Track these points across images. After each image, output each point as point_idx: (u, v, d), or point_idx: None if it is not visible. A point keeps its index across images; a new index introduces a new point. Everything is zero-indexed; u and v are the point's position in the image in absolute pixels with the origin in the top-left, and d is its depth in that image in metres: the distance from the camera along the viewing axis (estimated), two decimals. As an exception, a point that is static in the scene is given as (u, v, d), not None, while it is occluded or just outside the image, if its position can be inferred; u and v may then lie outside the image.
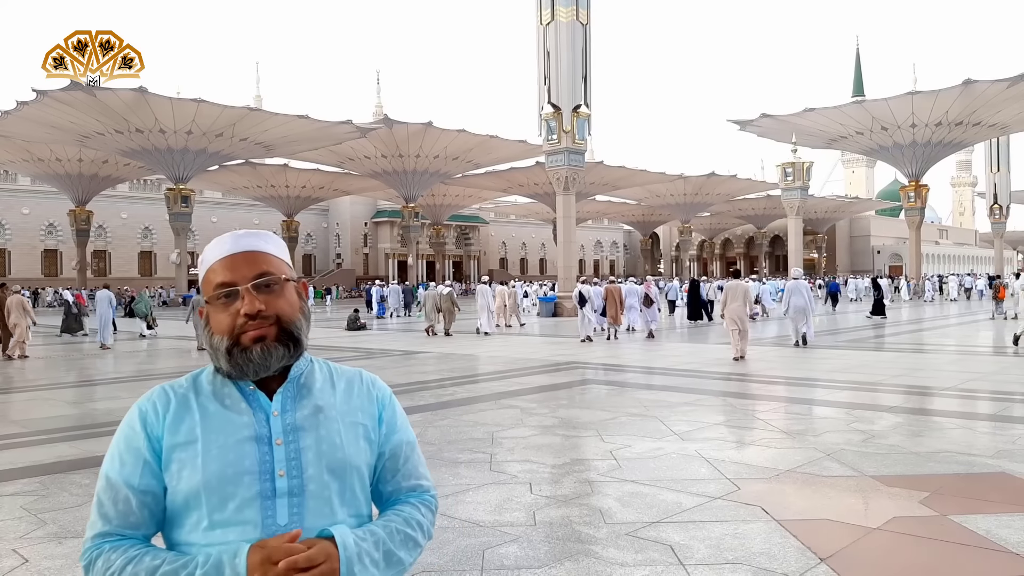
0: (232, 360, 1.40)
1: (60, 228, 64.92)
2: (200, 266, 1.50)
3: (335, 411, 1.48)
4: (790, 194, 55.39)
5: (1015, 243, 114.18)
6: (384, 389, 1.61)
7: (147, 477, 1.38)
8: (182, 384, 1.47)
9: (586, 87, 33.63)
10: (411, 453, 1.58)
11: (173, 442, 1.39)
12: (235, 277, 1.42)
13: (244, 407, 1.43)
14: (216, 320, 1.42)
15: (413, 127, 50.93)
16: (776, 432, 7.61)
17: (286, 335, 1.42)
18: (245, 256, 1.45)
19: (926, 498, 5.12)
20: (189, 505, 1.37)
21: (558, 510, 5.03)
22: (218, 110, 41.74)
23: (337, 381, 1.54)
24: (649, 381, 12.02)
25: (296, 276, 1.53)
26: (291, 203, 67.33)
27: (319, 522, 1.38)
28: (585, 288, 19.98)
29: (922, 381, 11.18)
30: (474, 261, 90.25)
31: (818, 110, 49.69)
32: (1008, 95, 43.52)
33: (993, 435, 7.37)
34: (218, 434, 1.39)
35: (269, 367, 1.41)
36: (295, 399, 1.46)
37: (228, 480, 1.36)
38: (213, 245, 1.49)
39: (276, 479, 1.38)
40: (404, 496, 1.54)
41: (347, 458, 1.44)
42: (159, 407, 1.43)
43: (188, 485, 1.36)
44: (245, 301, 1.40)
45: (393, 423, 1.56)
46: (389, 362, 15.59)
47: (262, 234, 1.51)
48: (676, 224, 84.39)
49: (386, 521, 1.46)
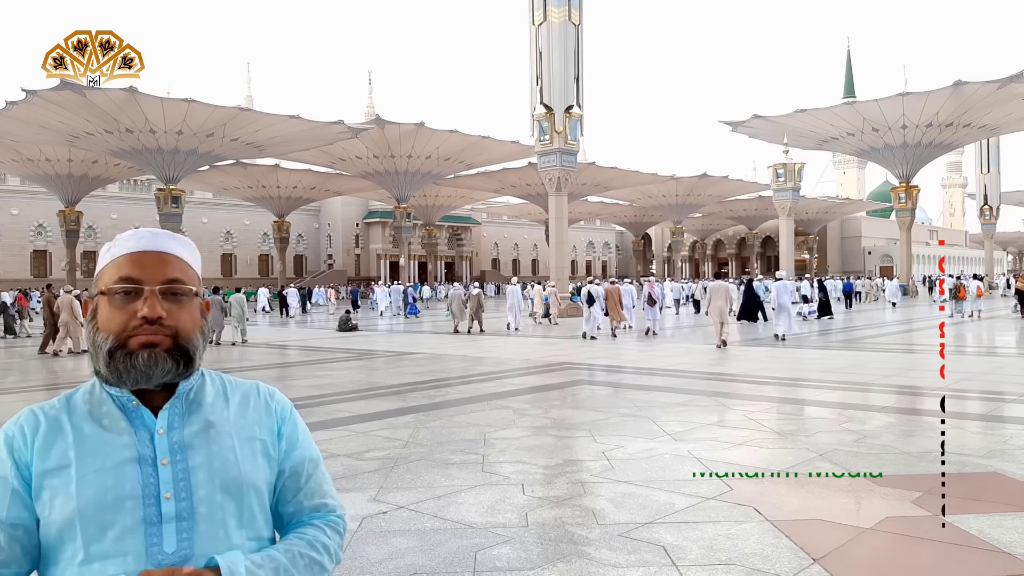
0: (112, 363, 1.28)
1: (49, 229, 64.53)
2: (103, 254, 1.37)
3: (228, 426, 1.36)
4: (782, 195, 55.60)
5: (1005, 244, 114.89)
6: (284, 402, 1.48)
7: (16, 508, 1.25)
8: (53, 405, 1.34)
9: (578, 88, 33.64)
10: (314, 470, 1.45)
11: (43, 468, 1.26)
12: (143, 275, 1.30)
13: (124, 426, 1.30)
14: (106, 316, 1.30)
15: (405, 127, 50.87)
16: (768, 432, 7.61)
17: (179, 350, 1.30)
18: (159, 256, 1.34)
19: (918, 498, 5.12)
20: (63, 537, 1.24)
21: (551, 511, 5.01)
22: (209, 110, 41.56)
23: (231, 395, 1.42)
24: (642, 381, 12.01)
25: (203, 292, 1.43)
26: (282, 204, 67.11)
27: (213, 548, 1.26)
28: (594, 288, 21.09)
29: (913, 381, 11.21)
30: (466, 262, 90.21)
31: (809, 111, 49.84)
32: (998, 96, 43.73)
33: (984, 435, 7.39)
34: (95, 457, 1.27)
35: (151, 378, 1.29)
36: (183, 415, 1.34)
37: (107, 507, 1.23)
38: (126, 237, 1.37)
39: (162, 502, 1.26)
40: (307, 517, 1.41)
41: (243, 476, 1.33)
42: (27, 431, 1.29)
43: (61, 515, 1.23)
44: (147, 303, 1.28)
45: (294, 438, 1.44)
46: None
47: (181, 239, 1.41)
48: (668, 225, 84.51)
49: (288, 545, 1.33)
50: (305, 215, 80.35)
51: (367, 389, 11.37)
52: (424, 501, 5.25)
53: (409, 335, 24.30)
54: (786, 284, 19.83)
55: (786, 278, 20.58)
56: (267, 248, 77.99)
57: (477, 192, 72.84)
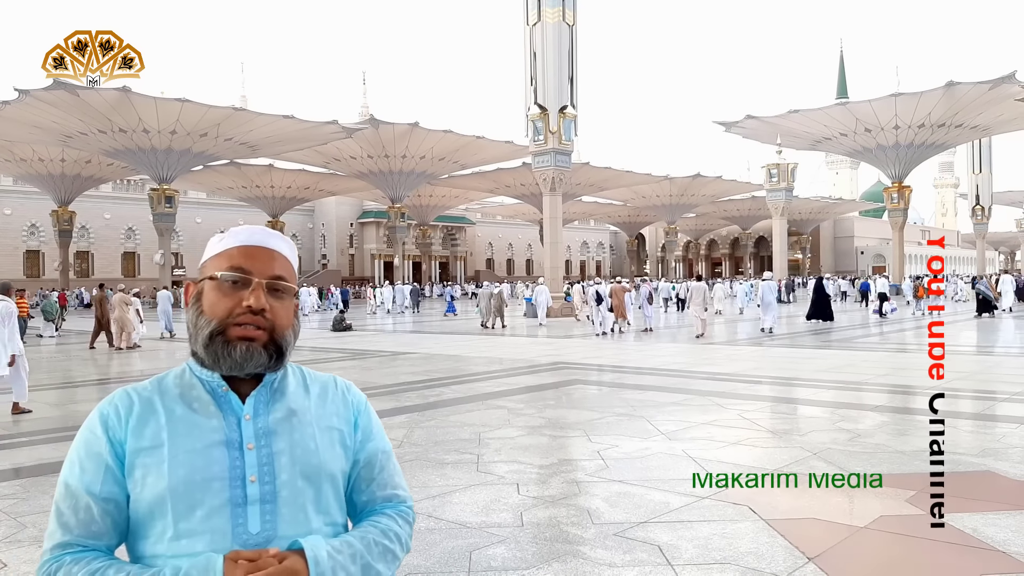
0: (211, 346, 1.35)
1: (42, 229, 64.23)
2: (213, 244, 1.44)
3: (309, 415, 1.43)
4: (775, 195, 55.73)
5: (997, 244, 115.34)
6: (359, 396, 1.56)
7: (109, 484, 1.32)
8: (146, 387, 1.40)
9: (572, 88, 33.65)
10: (387, 462, 1.52)
11: (137, 446, 1.32)
12: (252, 268, 1.38)
13: (213, 410, 1.37)
14: (212, 301, 1.36)
15: (399, 127, 50.85)
16: (763, 431, 7.63)
17: (274, 345, 1.37)
18: (269, 253, 1.41)
19: (912, 497, 5.13)
20: (154, 514, 1.30)
21: (545, 511, 5.01)
22: (203, 110, 41.48)
23: (311, 385, 1.49)
24: (636, 381, 12.02)
25: (298, 292, 1.49)
26: (276, 203, 66.98)
27: (293, 530, 1.33)
28: (601, 288, 22.57)
29: (907, 380, 11.23)
30: (460, 262, 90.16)
31: (802, 112, 50.01)
32: (990, 97, 43.93)
33: (977, 434, 7.41)
34: (185, 438, 1.33)
35: (244, 368, 1.35)
36: (268, 403, 1.40)
37: (196, 486, 1.29)
38: (240, 230, 1.45)
39: (247, 485, 1.32)
40: (379, 507, 1.48)
41: (322, 463, 1.39)
42: (121, 410, 1.35)
43: (153, 492, 1.29)
44: (254, 294, 1.35)
45: (369, 430, 1.51)
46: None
47: (288, 241, 1.49)
48: (662, 225, 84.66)
49: (363, 532, 1.40)
50: (299, 215, 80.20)
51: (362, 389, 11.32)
52: (419, 501, 5.24)
53: (404, 335, 24.32)
54: (771, 284, 21.97)
55: (771, 279, 23.10)
56: (261, 248, 77.76)
57: (471, 192, 72.85)
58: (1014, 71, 41.31)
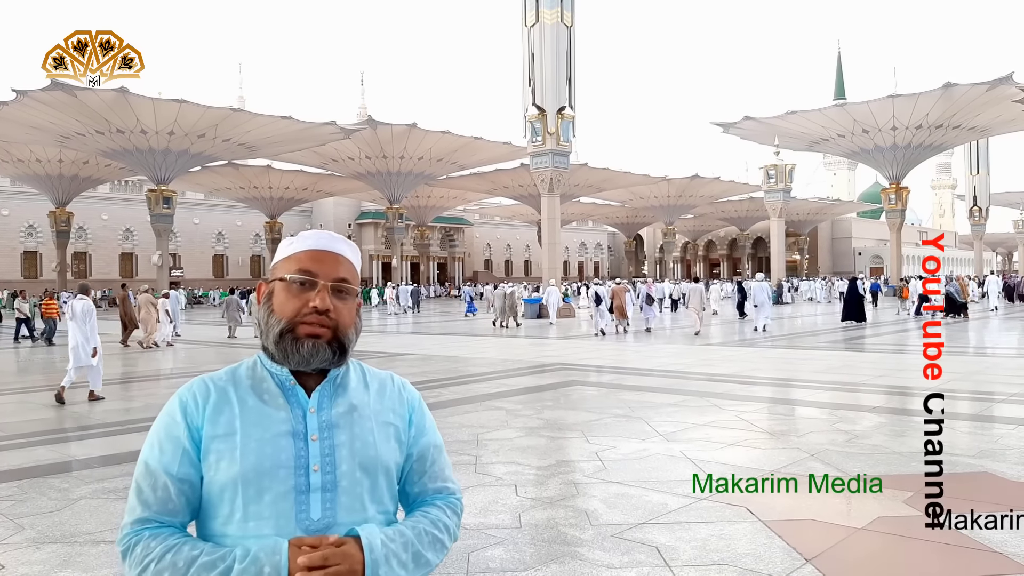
0: (281, 343, 1.45)
1: (40, 230, 64.06)
2: (284, 247, 1.55)
3: (368, 410, 1.52)
4: (773, 196, 55.68)
5: (994, 245, 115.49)
6: (414, 393, 1.65)
7: (185, 466, 1.42)
8: (221, 377, 1.50)
9: (571, 89, 33.70)
10: (438, 456, 1.60)
11: (212, 433, 1.42)
12: (319, 271, 1.47)
13: (282, 402, 1.46)
14: (282, 301, 1.47)
15: (397, 128, 50.78)
16: (760, 432, 7.63)
17: (337, 342, 1.47)
18: (334, 257, 1.51)
19: (910, 498, 5.13)
20: (224, 496, 1.40)
21: (543, 512, 5.01)
22: (200, 111, 41.40)
23: (370, 382, 1.58)
24: (634, 382, 12.03)
25: (360, 293, 1.57)
26: (274, 204, 66.91)
27: (351, 518, 1.42)
28: (601, 289, 23.13)
29: (903, 381, 11.25)
30: (459, 263, 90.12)
31: (800, 113, 49.99)
32: (987, 98, 43.96)
33: (975, 435, 7.42)
34: (256, 427, 1.43)
35: (310, 364, 1.45)
36: (331, 397, 1.50)
37: (264, 473, 1.39)
38: (309, 235, 1.55)
39: (310, 474, 1.42)
40: (430, 498, 1.56)
41: (379, 456, 1.48)
42: (199, 398, 1.45)
43: (225, 476, 1.39)
44: (320, 295, 1.45)
45: (422, 426, 1.60)
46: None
47: (352, 245, 1.58)
48: (660, 226, 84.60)
49: (414, 522, 1.48)
50: (297, 216, 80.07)
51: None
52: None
53: (402, 335, 24.32)
54: (763, 285, 22.86)
55: (763, 280, 24.51)
56: (259, 249, 77.72)
57: (469, 193, 72.77)
58: (1012, 72, 41.36)
